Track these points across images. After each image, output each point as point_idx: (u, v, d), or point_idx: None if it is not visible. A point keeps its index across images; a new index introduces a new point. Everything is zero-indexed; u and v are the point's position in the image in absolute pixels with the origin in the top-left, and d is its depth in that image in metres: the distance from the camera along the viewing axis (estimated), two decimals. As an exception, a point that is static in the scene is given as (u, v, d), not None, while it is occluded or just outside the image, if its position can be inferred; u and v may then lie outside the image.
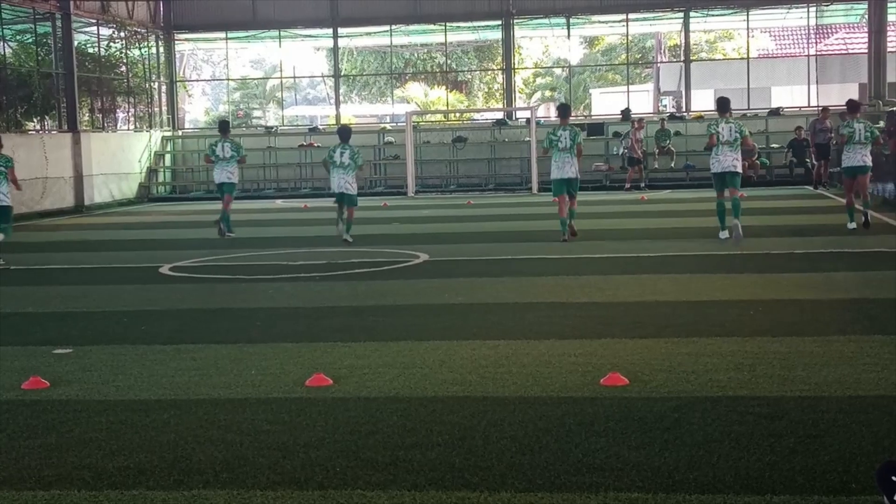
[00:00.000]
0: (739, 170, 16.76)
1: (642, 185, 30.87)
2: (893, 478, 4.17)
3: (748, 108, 34.55)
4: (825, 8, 35.48)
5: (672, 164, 32.10)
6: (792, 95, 38.78)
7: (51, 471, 5.74)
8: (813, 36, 36.95)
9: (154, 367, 8.31)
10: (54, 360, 8.75)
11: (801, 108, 34.71)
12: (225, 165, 19.96)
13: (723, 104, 17.32)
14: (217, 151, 19.99)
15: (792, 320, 9.49)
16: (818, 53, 37.46)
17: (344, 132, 18.93)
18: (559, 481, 5.30)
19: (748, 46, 38.06)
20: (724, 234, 16.61)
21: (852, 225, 17.30)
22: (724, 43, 49.78)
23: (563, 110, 18.31)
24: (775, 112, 33.66)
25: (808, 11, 35.04)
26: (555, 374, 7.65)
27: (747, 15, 35.28)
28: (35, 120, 31.32)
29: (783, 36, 48.12)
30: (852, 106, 18.17)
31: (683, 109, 36.32)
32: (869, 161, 17.38)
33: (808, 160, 29.65)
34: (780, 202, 24.36)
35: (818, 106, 32.28)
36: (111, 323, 10.59)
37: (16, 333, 10.19)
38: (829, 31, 43.24)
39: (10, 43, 30.51)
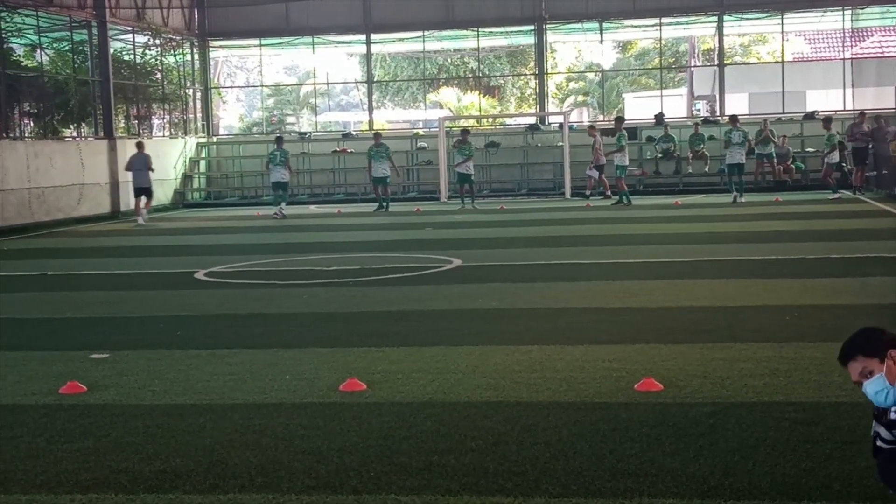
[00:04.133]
0: (744, 161, 27.22)
1: (599, 190, 30.16)
2: None
3: (783, 112, 34.33)
4: (861, 11, 35.18)
5: (706, 169, 31.94)
6: (827, 99, 38.47)
7: (88, 474, 5.79)
8: (848, 39, 36.67)
9: (190, 372, 8.37)
10: (91, 364, 8.83)
11: (836, 111, 34.42)
12: (379, 164, 28.35)
13: (733, 118, 27.81)
14: (373, 153, 28.39)
15: (828, 325, 9.41)
16: (853, 57, 37.16)
17: (464, 132, 29.76)
18: (593, 487, 5.29)
19: (783, 50, 37.84)
20: (732, 197, 26.56)
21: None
22: (759, 46, 49.46)
23: (618, 122, 29.71)
24: (810, 116, 33.40)
25: (844, 14, 34.75)
26: (588, 379, 7.63)
27: (782, 18, 35.07)
28: (72, 127, 31.63)
29: (818, 39, 47.77)
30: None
31: (717, 113, 36.12)
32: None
33: (843, 164, 29.38)
34: (816, 206, 24.18)
35: (854, 110, 32.03)
36: (147, 328, 10.68)
37: (53, 338, 10.29)
38: (865, 34, 42.87)
39: (47, 51, 30.85)
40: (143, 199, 27.24)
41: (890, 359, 4.46)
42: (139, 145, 27.77)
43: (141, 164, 26.92)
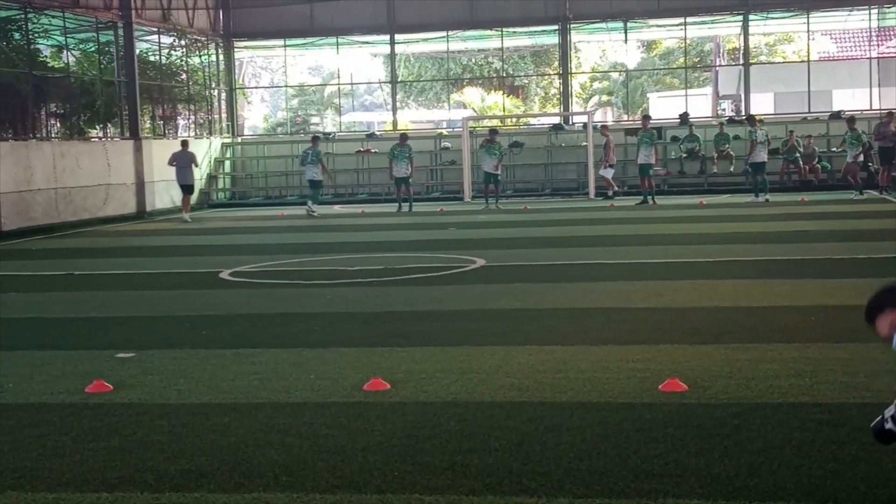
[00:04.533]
0: (766, 160, 27.42)
1: (611, 192, 30.28)
2: None
3: (808, 112, 34.12)
4: (887, 10, 34.90)
5: (731, 168, 31.79)
6: (854, 98, 38.23)
7: (114, 473, 5.83)
8: (875, 38, 36.43)
9: (215, 372, 8.41)
10: (117, 364, 8.88)
11: (862, 111, 34.18)
12: (400, 164, 28.77)
13: (751, 119, 28.60)
14: (396, 153, 28.92)
15: (854, 326, 9.31)
16: (880, 56, 36.89)
17: (493, 133, 29.87)
18: (617, 487, 5.28)
19: (808, 49, 37.66)
20: (754, 197, 26.55)
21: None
22: (784, 46, 49.24)
23: (646, 120, 29.52)
24: (836, 115, 33.19)
25: (870, 13, 34.51)
26: (613, 379, 7.62)
27: (807, 17, 34.87)
28: (98, 127, 31.80)
29: (844, 38, 47.48)
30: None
31: (742, 113, 35.95)
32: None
33: (870, 164, 29.19)
34: (842, 206, 24.03)
35: (881, 109, 31.80)
36: (172, 327, 10.74)
37: (79, 338, 10.37)
38: (892, 33, 42.58)
39: (73, 52, 31.04)
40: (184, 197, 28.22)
41: None
42: (184, 143, 28.40)
43: (184, 162, 27.60)
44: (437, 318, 10.70)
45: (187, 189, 28.04)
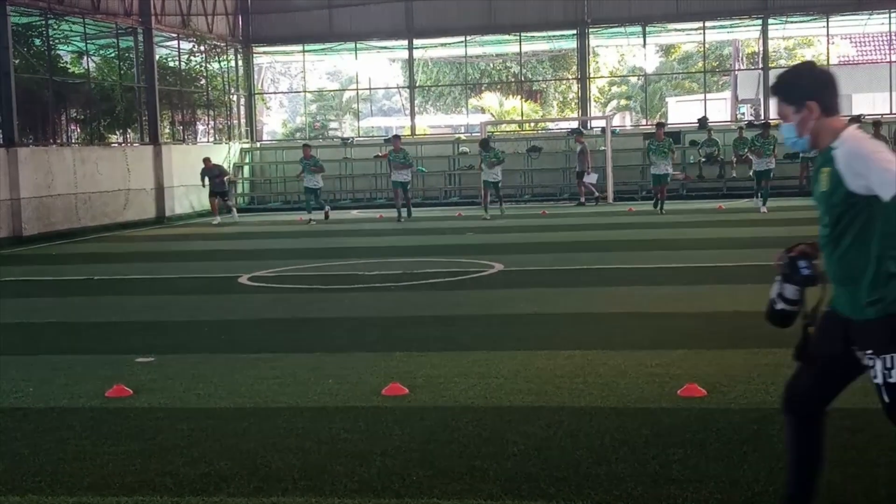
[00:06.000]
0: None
1: (596, 196, 30.45)
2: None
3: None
4: (908, 13, 34.74)
5: (750, 173, 31.64)
6: (874, 102, 38.00)
7: (134, 477, 5.86)
8: (895, 42, 36.22)
9: (234, 376, 8.43)
10: (137, 368, 8.92)
11: (882, 115, 34.02)
12: (399, 170, 27.11)
13: (766, 127, 27.48)
14: (392, 157, 27.32)
15: (874, 331, 9.29)
16: (900, 60, 36.62)
17: (484, 143, 27.70)
18: (636, 493, 5.28)
19: (828, 53, 37.44)
20: (758, 204, 25.70)
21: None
22: (804, 50, 48.96)
23: (660, 128, 27.62)
24: (856, 119, 32.97)
25: (890, 17, 34.35)
26: (631, 384, 7.60)
27: (827, 21, 34.72)
28: (118, 133, 31.95)
29: (864, 42, 47.24)
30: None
31: (762, 117, 35.81)
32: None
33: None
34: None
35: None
36: (192, 332, 10.78)
37: (100, 342, 10.41)
38: (912, 36, 42.33)
39: (93, 57, 31.21)
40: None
41: (807, 109, 4.20)
42: (205, 160, 29.31)
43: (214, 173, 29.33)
44: (455, 322, 10.70)
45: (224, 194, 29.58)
